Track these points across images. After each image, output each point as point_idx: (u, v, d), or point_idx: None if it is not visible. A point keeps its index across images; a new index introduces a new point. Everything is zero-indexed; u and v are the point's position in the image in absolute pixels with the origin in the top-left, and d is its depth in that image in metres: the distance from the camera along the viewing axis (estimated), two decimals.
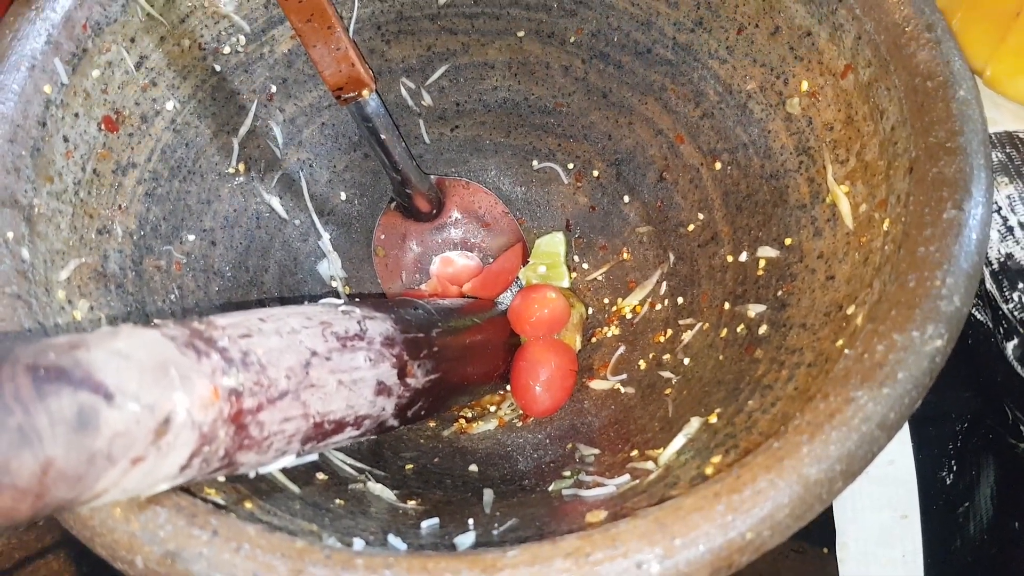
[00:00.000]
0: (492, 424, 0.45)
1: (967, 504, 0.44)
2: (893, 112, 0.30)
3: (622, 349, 0.44)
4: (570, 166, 0.50)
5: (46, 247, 0.31)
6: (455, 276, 0.50)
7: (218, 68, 0.41)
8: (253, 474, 0.27)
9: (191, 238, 0.40)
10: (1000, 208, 0.44)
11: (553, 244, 0.50)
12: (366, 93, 0.41)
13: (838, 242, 0.32)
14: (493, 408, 0.47)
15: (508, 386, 0.46)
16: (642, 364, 0.42)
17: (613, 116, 0.46)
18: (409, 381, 0.32)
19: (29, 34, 0.32)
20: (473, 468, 0.40)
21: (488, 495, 0.34)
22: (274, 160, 0.45)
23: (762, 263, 0.36)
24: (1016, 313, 0.42)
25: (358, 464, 0.36)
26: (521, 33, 0.45)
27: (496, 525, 0.29)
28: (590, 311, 0.49)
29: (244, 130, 0.43)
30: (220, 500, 0.25)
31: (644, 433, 0.37)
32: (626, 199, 0.48)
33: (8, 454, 0.17)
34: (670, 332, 0.42)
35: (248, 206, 0.44)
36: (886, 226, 0.29)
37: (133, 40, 0.36)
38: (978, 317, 0.44)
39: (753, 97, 0.38)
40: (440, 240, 0.51)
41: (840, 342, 0.27)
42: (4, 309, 0.27)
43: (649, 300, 0.45)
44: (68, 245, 0.32)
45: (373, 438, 0.37)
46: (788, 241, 0.35)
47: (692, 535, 0.22)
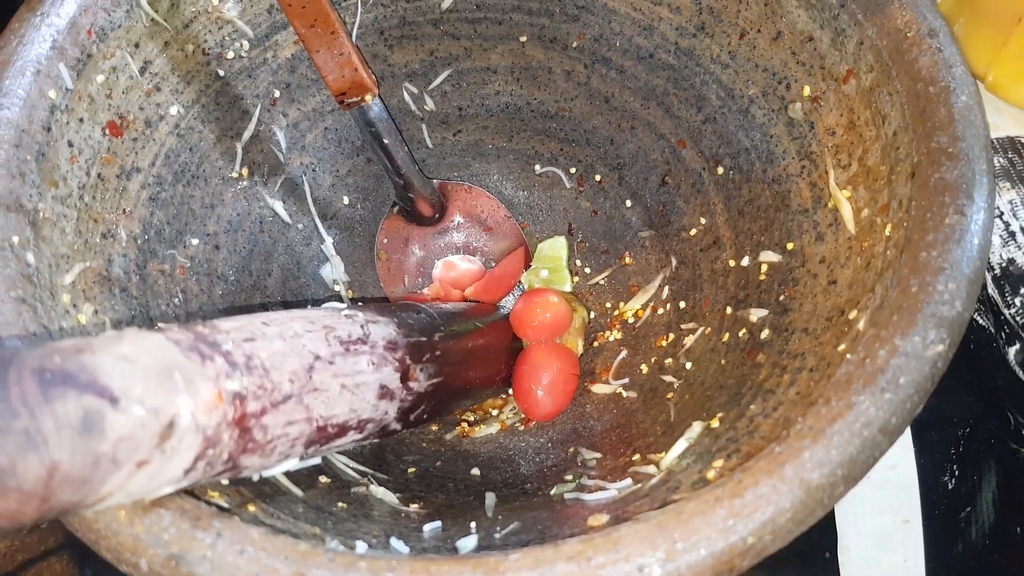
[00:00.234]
0: (494, 428, 0.45)
1: (969, 509, 0.44)
2: (895, 117, 0.30)
3: (624, 353, 0.45)
4: (572, 170, 0.50)
5: (51, 251, 0.31)
6: (457, 280, 0.50)
7: (222, 73, 0.41)
8: (257, 477, 0.27)
9: (195, 242, 0.40)
10: (1002, 213, 0.44)
11: (555, 248, 0.50)
12: (369, 98, 0.41)
13: (840, 247, 0.32)
14: (495, 412, 0.47)
15: (510, 390, 0.46)
16: (644, 368, 0.42)
17: (615, 121, 0.46)
18: (412, 385, 0.32)
19: (34, 39, 0.33)
20: (475, 472, 0.40)
21: (490, 499, 0.34)
22: (277, 164, 0.45)
23: (764, 267, 0.36)
24: (1018, 318, 0.42)
25: (361, 467, 0.36)
26: (523, 38, 0.45)
27: (498, 529, 0.29)
28: (592, 315, 0.49)
29: (247, 135, 0.43)
30: (224, 503, 0.25)
31: (646, 437, 0.37)
32: (628, 203, 0.48)
33: (14, 457, 0.17)
34: (672, 336, 0.42)
35: (251, 210, 0.44)
36: (888, 231, 0.29)
37: (137, 45, 0.37)
38: (980, 322, 0.44)
39: (755, 102, 0.38)
40: (442, 244, 0.51)
41: (842, 347, 0.27)
42: (10, 313, 0.27)
43: (651, 304, 0.45)
44: (73, 249, 0.32)
45: (376, 442, 0.37)
46: (790, 246, 0.35)
47: (694, 539, 0.22)
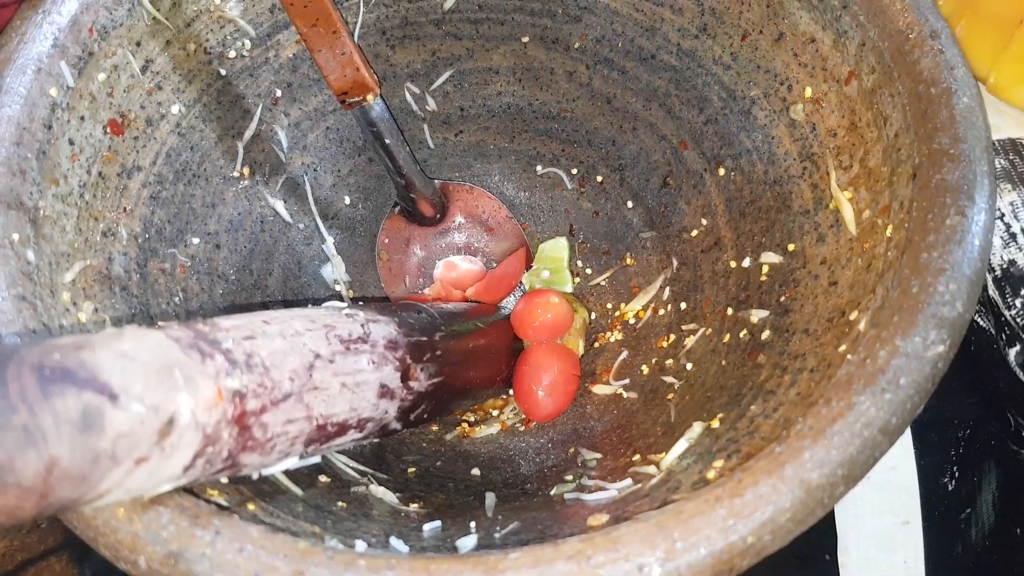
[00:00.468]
0: (495, 428, 0.45)
1: (969, 510, 0.44)
2: (897, 118, 0.30)
3: (625, 354, 0.44)
4: (574, 171, 0.50)
5: (51, 249, 0.31)
6: (458, 280, 0.50)
7: (223, 72, 0.41)
8: (256, 476, 0.27)
9: (195, 241, 0.40)
10: (1003, 215, 0.44)
11: (556, 249, 0.50)
12: (371, 98, 0.41)
13: (841, 248, 0.32)
14: (496, 412, 0.47)
15: (511, 390, 0.46)
16: (645, 369, 0.42)
17: (617, 121, 0.46)
18: (412, 384, 0.32)
19: (35, 37, 0.33)
20: (475, 472, 0.40)
21: (490, 499, 0.34)
22: (279, 164, 0.45)
23: (765, 268, 0.36)
24: (1018, 320, 0.42)
25: (360, 467, 0.36)
26: (525, 39, 0.45)
27: (498, 528, 0.29)
28: (593, 316, 0.49)
29: (249, 134, 0.43)
30: (223, 501, 0.25)
31: (646, 438, 0.37)
32: (629, 204, 0.48)
33: (13, 453, 0.17)
34: (673, 337, 0.42)
35: (252, 210, 0.44)
36: (889, 232, 0.29)
37: (139, 44, 0.37)
38: (980, 323, 0.44)
39: (757, 103, 0.38)
40: (444, 244, 0.51)
41: (843, 347, 0.27)
42: (10, 310, 0.27)
43: (652, 305, 0.45)
44: (73, 247, 0.32)
45: (376, 441, 0.37)
46: (791, 247, 0.35)
47: (693, 538, 0.22)
